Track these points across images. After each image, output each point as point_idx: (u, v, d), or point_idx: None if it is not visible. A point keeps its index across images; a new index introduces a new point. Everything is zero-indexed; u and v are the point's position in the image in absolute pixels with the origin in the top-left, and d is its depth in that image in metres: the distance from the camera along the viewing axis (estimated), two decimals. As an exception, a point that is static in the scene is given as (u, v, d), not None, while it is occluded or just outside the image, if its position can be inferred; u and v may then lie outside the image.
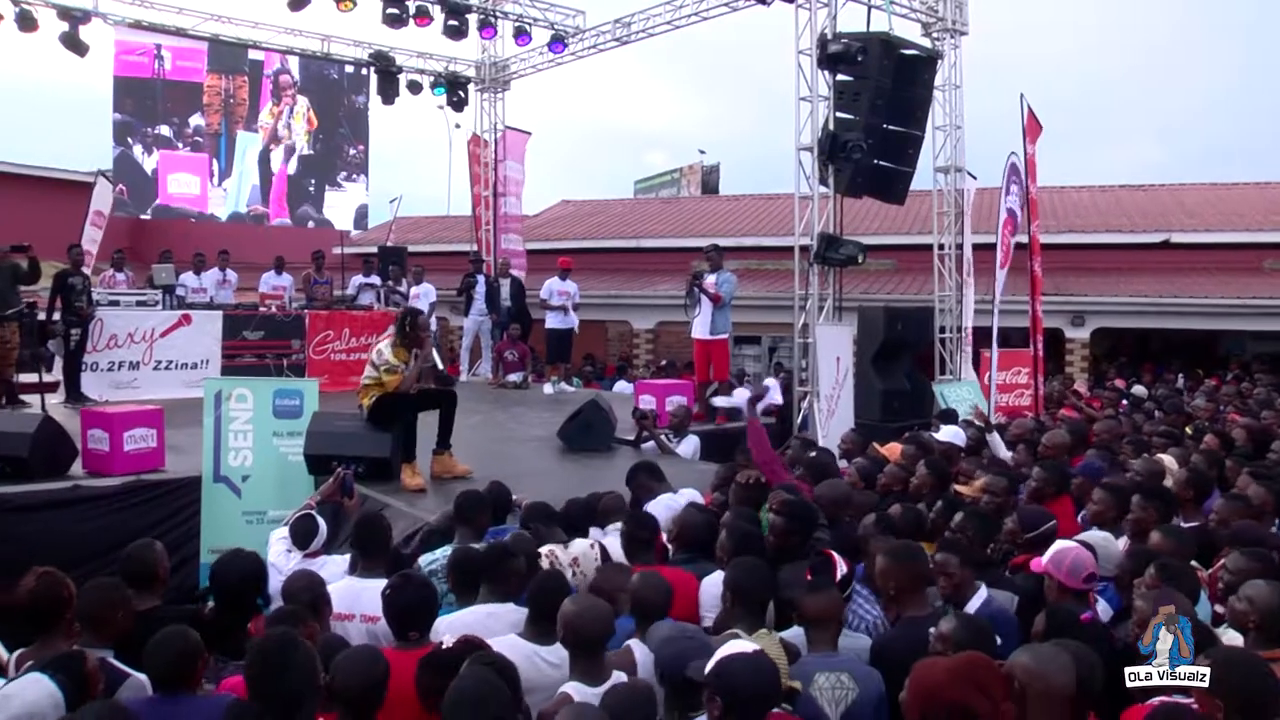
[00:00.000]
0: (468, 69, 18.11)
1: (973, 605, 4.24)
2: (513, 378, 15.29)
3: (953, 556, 4.47)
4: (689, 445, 9.83)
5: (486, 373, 16.38)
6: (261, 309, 14.71)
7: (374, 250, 18.06)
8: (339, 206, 17.88)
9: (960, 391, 13.57)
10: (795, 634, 3.93)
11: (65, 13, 14.29)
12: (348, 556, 5.11)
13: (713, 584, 4.62)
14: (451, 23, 15.13)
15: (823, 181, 12.49)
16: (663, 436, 9.61)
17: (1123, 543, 5.29)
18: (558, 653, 3.71)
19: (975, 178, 14.98)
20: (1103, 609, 4.68)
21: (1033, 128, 12.42)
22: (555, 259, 16.60)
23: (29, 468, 8.04)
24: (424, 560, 5.05)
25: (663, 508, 5.94)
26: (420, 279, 15.93)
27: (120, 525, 7.88)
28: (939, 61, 13.69)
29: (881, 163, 12.79)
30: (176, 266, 14.47)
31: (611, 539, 5.49)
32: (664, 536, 5.28)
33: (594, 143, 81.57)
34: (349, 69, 17.51)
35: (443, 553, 4.96)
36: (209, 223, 17.65)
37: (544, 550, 4.86)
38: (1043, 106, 13.45)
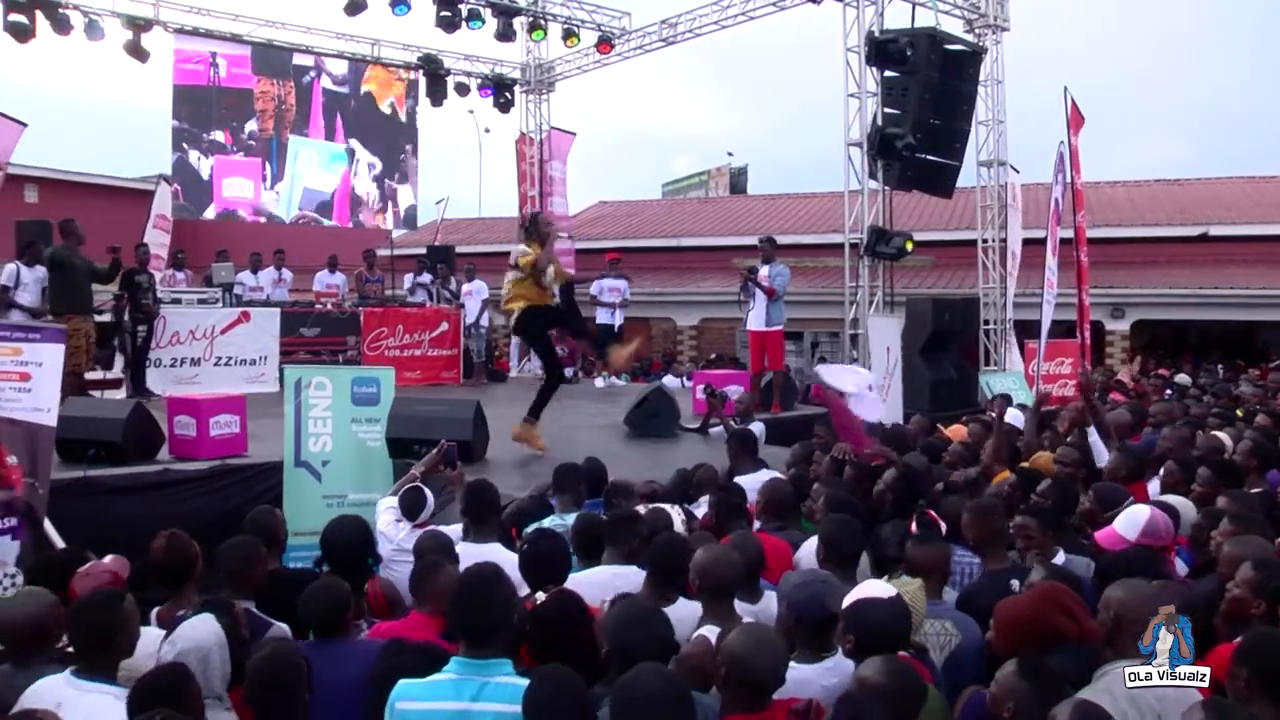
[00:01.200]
0: (513, 71, 18.42)
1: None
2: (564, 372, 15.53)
3: (1032, 519, 4.73)
4: (755, 431, 10.06)
5: (535, 368, 16.65)
6: (317, 306, 15.08)
7: (421, 251, 18.41)
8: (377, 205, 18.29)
9: (1005, 382, 13.73)
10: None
11: (129, 21, 14.76)
12: (456, 527, 5.37)
13: (809, 549, 4.83)
14: (502, 26, 15.49)
15: (871, 176, 12.71)
16: (730, 422, 9.86)
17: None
18: (675, 613, 3.92)
19: (1018, 171, 15.20)
20: (1180, 569, 4.90)
21: (1076, 120, 12.59)
22: (597, 258, 16.88)
23: (121, 452, 8.39)
24: (527, 532, 5.30)
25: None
26: (472, 276, 16.24)
27: (207, 507, 8.18)
28: (983, 56, 13.89)
29: (929, 157, 12.97)
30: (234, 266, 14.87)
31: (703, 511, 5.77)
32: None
33: (619, 146, 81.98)
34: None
35: (550, 521, 5.22)
36: (259, 224, 18.03)
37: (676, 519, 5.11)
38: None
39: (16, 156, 14.63)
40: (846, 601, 3.41)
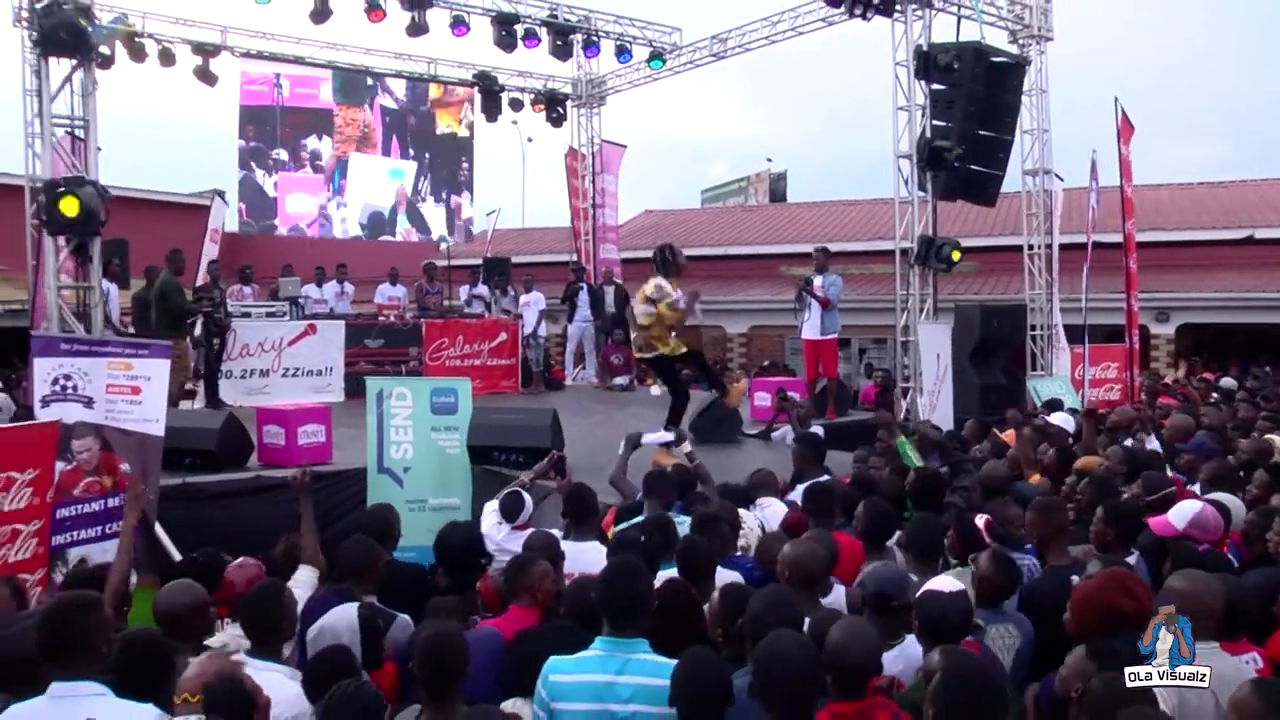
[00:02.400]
0: (565, 86, 18.88)
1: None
2: (619, 380, 16.02)
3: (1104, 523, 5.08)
4: (817, 436, 10.46)
5: (590, 377, 17.09)
6: (380, 318, 15.60)
7: (474, 262, 18.91)
8: (435, 219, 18.84)
9: (1052, 386, 13.98)
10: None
11: (199, 48, 15.37)
12: (552, 530, 5.80)
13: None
14: (558, 43, 15.99)
15: (920, 187, 13.04)
16: (797, 426, 10.22)
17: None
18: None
19: (1062, 179, 15.45)
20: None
21: (1126, 129, 12.85)
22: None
23: (216, 460, 8.93)
24: (618, 529, 5.73)
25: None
26: (530, 287, 16.70)
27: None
28: (1027, 67, 14.18)
29: (974, 167, 13.31)
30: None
31: (765, 512, 6.20)
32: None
33: (653, 154, 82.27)
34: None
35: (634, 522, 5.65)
36: (320, 238, 18.58)
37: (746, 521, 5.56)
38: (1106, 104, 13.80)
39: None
40: (919, 592, 3.80)
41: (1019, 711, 3.63)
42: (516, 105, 18.39)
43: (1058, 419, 9.44)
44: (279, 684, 3.63)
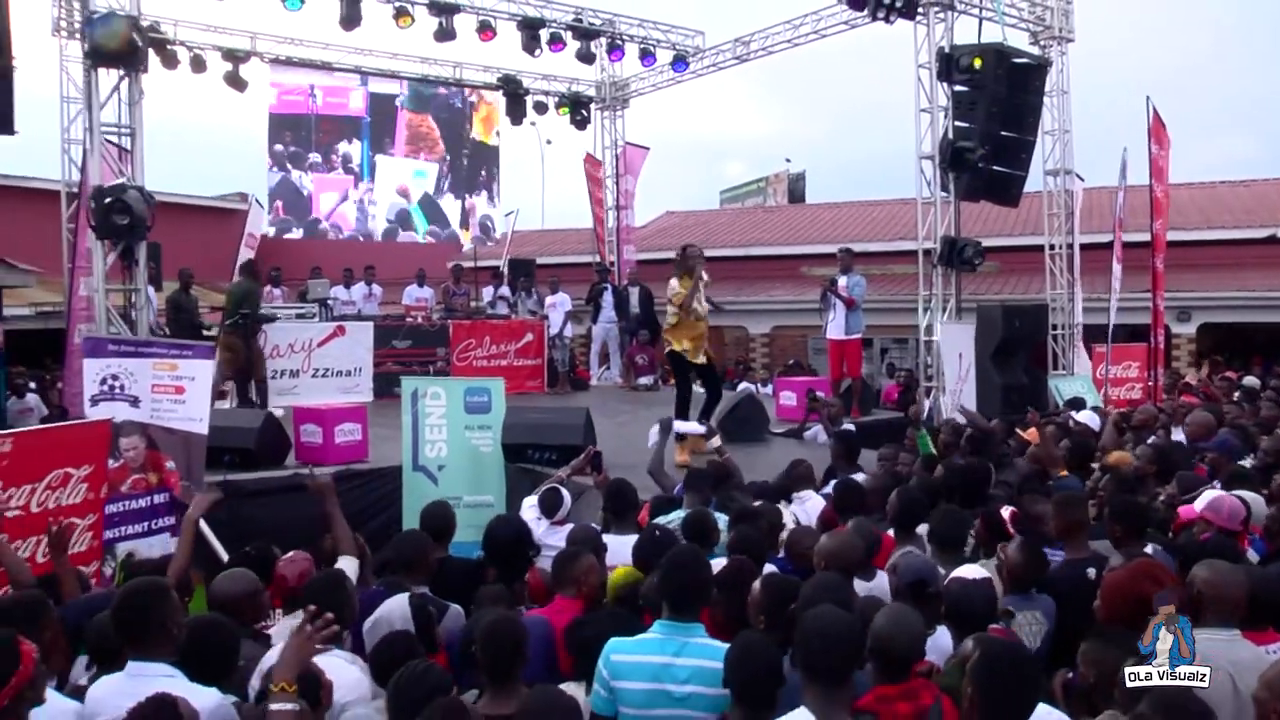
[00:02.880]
0: (589, 89, 19.08)
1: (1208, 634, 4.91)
2: (644, 380, 16.20)
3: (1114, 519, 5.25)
4: (847, 433, 10.64)
5: (615, 377, 17.27)
6: (408, 319, 15.82)
7: (495, 263, 19.14)
8: (452, 212, 19.22)
9: (1074, 385, 14.07)
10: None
11: (229, 54, 15.61)
12: (591, 525, 6.00)
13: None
14: (583, 48, 16.20)
15: (943, 188, 13.17)
16: (829, 425, 10.41)
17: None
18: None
19: (1083, 179, 15.54)
20: (1251, 556, 5.37)
21: (1158, 130, 12.93)
22: (668, 268, 17.39)
23: (255, 458, 9.16)
24: (658, 520, 5.91)
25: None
26: (556, 289, 16.89)
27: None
28: (1048, 68, 14.29)
29: (997, 168, 13.43)
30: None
31: (806, 505, 6.37)
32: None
33: (669, 154, 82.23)
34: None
35: (676, 515, 5.82)
36: (344, 240, 18.82)
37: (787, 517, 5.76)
38: (1131, 104, 13.89)
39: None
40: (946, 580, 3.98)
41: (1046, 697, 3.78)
42: (541, 109, 18.59)
43: (1083, 417, 9.57)
44: (340, 668, 3.81)
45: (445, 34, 14.99)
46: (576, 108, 18.78)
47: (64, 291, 14.97)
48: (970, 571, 4.15)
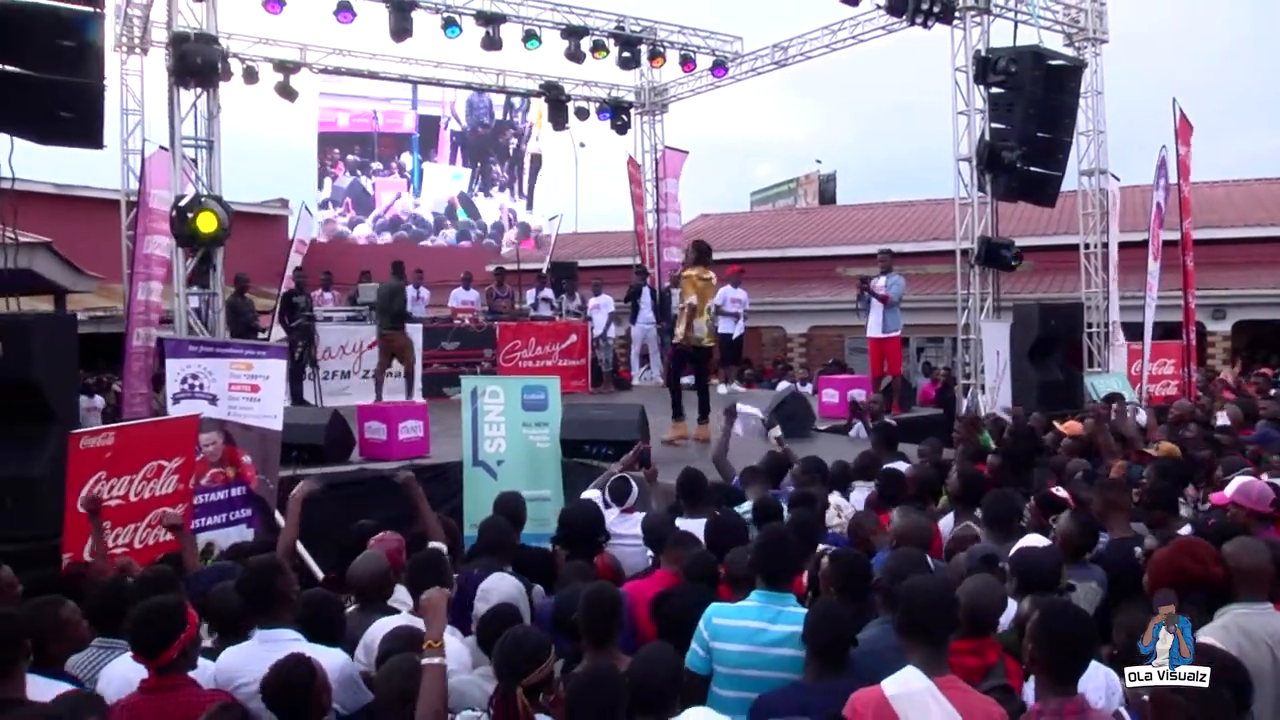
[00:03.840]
0: (628, 94, 19.47)
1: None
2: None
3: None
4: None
5: (656, 376, 17.61)
6: (455, 321, 16.23)
7: (537, 266, 19.56)
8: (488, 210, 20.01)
9: (1109, 382, 14.25)
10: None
11: (279, 65, 16.12)
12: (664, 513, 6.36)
13: (948, 522, 5.94)
14: (625, 55, 16.59)
15: (980, 188, 13.44)
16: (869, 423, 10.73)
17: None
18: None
19: (1119, 179, 15.75)
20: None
21: (1184, 129, 13.15)
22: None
23: (323, 454, 9.55)
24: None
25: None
26: (599, 291, 17.27)
27: (399, 501, 9.26)
28: (1083, 70, 14.52)
29: (1033, 168, 13.69)
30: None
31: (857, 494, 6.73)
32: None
33: (702, 157, 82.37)
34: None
35: (745, 506, 6.18)
36: (388, 243, 19.36)
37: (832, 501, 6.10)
38: (1165, 103, 14.10)
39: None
40: (1011, 551, 4.31)
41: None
42: (582, 114, 18.99)
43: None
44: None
45: (492, 43, 15.42)
46: (617, 113, 19.16)
47: (119, 297, 15.56)
48: (1034, 540, 4.52)
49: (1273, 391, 13.76)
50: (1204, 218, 23.54)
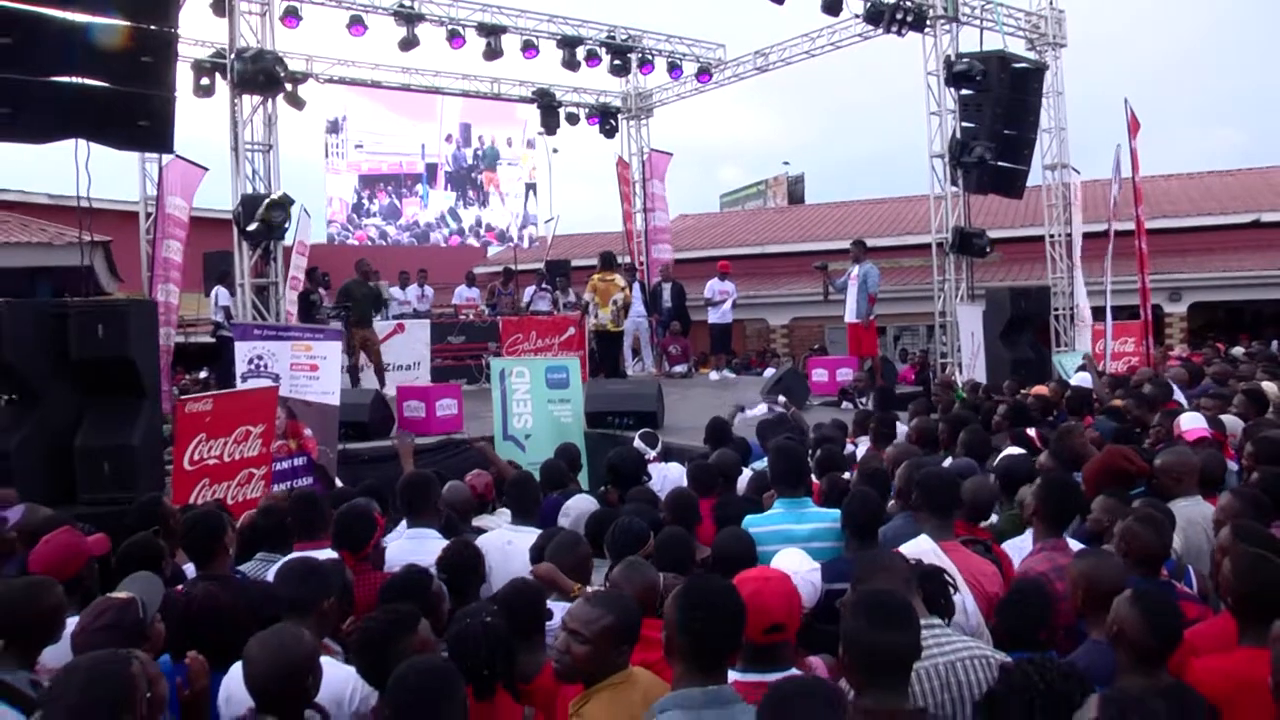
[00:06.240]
0: (615, 100, 20.47)
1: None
2: (678, 369, 17.55)
3: None
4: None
5: (649, 367, 18.60)
6: (460, 317, 17.18)
7: (535, 266, 20.51)
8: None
9: (1075, 360, 15.38)
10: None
11: (289, 76, 16.94)
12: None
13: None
14: (616, 62, 17.61)
15: (952, 183, 14.56)
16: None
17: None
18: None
19: (1079, 172, 16.92)
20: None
21: (1134, 125, 14.26)
22: (689, 267, 18.82)
23: (368, 430, 10.50)
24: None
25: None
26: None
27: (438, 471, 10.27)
28: (1045, 72, 15.67)
29: (1001, 163, 14.81)
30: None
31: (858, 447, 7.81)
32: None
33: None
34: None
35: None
36: (384, 246, 20.30)
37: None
38: (1114, 98, 15.23)
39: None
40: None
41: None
42: (573, 119, 19.97)
43: (1078, 379, 11.04)
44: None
45: (493, 53, 16.39)
46: (605, 118, 20.16)
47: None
48: (1015, 451, 5.63)
49: (1216, 360, 14.92)
50: (1161, 208, 24.93)
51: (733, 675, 3.05)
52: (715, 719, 2.69)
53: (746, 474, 6.62)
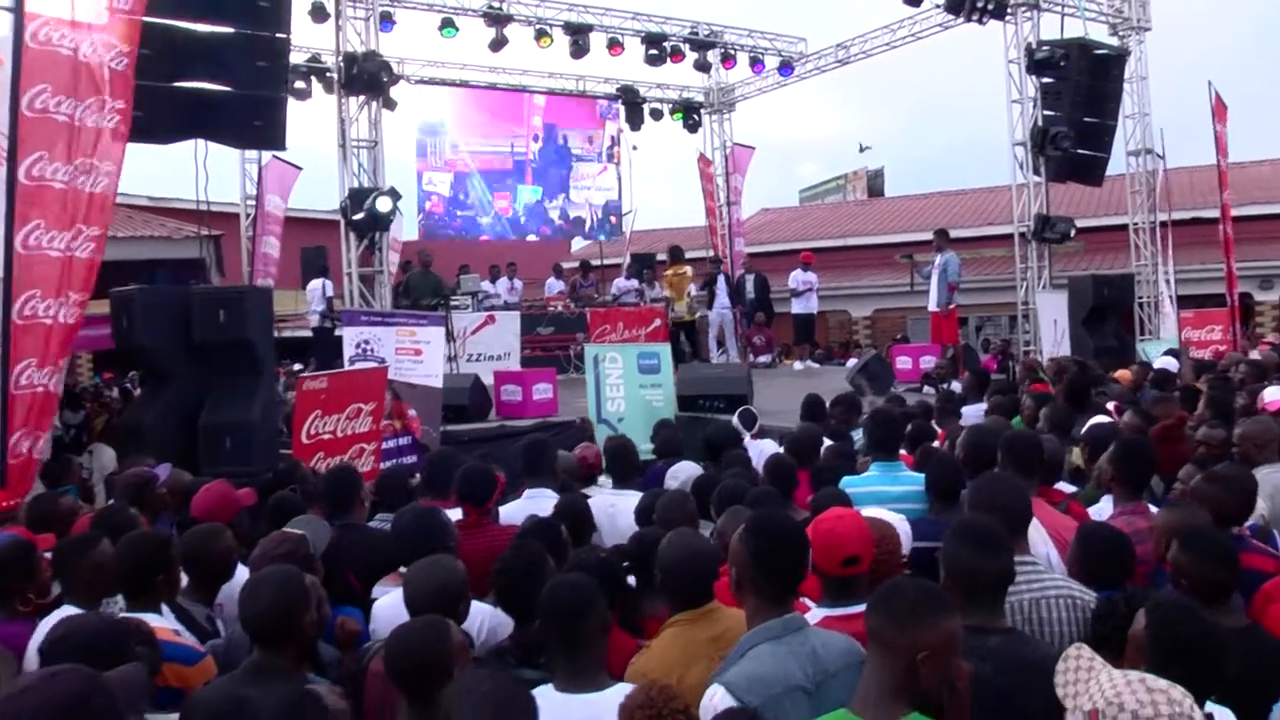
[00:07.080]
0: (698, 95, 20.83)
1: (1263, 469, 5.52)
2: (763, 359, 17.84)
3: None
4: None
5: (733, 356, 18.90)
6: (549, 309, 17.66)
7: (620, 260, 20.95)
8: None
9: (1161, 348, 15.37)
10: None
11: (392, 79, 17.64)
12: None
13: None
14: (699, 58, 17.97)
15: (1035, 172, 14.65)
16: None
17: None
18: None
19: (1163, 158, 16.86)
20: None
21: (1220, 110, 14.24)
22: (768, 260, 19.07)
23: (467, 413, 10.99)
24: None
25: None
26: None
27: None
28: (1127, 57, 15.67)
29: (1082, 151, 14.86)
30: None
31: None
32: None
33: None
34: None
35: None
36: (482, 241, 20.86)
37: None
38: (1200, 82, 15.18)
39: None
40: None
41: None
42: (657, 115, 20.38)
43: (1162, 362, 11.14)
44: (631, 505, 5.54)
45: (580, 51, 16.84)
46: (689, 113, 20.53)
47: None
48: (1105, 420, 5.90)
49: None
50: (1251, 195, 24.52)
51: (818, 611, 3.37)
52: (798, 642, 2.94)
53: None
